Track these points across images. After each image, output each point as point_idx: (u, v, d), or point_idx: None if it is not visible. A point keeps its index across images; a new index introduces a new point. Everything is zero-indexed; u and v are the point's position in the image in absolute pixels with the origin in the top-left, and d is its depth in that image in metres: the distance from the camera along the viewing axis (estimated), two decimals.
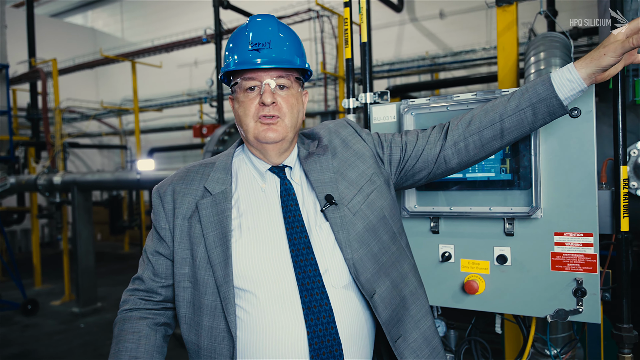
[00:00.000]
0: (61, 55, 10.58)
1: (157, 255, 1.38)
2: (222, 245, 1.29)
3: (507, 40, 2.93)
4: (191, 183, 1.39)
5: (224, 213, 1.33)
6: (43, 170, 7.29)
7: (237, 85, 1.34)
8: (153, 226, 1.40)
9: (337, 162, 1.42)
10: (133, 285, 1.41)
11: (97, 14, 16.48)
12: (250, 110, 1.32)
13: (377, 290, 1.31)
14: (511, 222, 1.55)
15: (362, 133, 1.50)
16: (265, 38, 1.32)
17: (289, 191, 1.37)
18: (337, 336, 1.24)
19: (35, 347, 5.50)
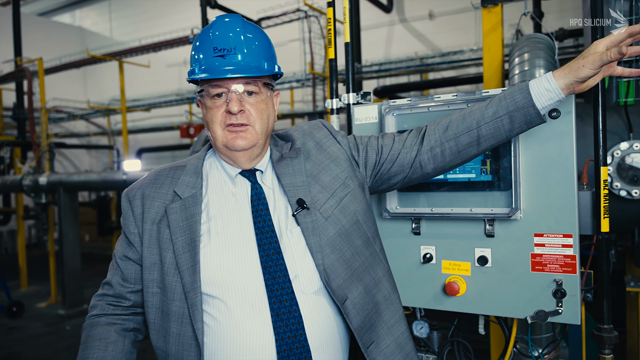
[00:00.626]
0: (49, 55, 10.46)
1: (126, 260, 1.35)
2: (191, 250, 1.27)
3: (492, 41, 2.94)
4: (161, 187, 1.36)
5: (193, 218, 1.30)
6: (29, 171, 7.20)
7: (203, 91, 1.31)
8: (122, 231, 1.38)
9: (311, 165, 1.40)
10: (102, 290, 1.39)
11: (85, 13, 16.32)
12: (217, 117, 1.29)
13: (349, 296, 1.29)
14: (492, 224, 1.55)
15: (337, 135, 1.48)
16: (230, 43, 1.27)
17: (259, 195, 1.35)
18: (307, 343, 1.23)
19: (19, 350, 5.43)
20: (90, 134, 13.29)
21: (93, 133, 13.34)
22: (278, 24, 6.58)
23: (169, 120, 12.47)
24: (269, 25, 6.59)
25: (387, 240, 1.73)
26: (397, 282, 1.72)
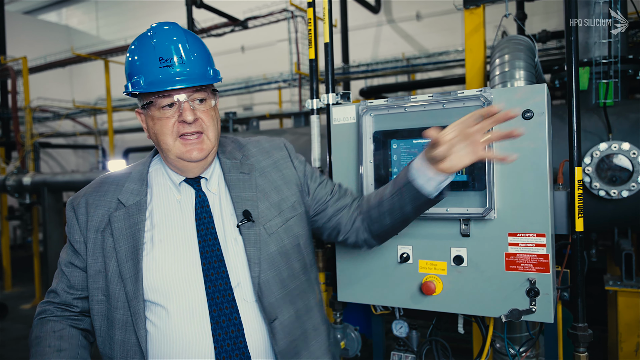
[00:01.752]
0: (35, 53, 10.34)
1: (71, 267, 1.35)
2: (133, 258, 1.27)
3: (474, 43, 2.96)
4: (105, 195, 1.35)
5: (136, 226, 1.29)
6: (12, 171, 7.11)
7: (151, 103, 1.27)
8: (67, 239, 1.37)
9: (263, 181, 1.41)
10: (48, 298, 1.37)
11: (72, 11, 16.16)
12: (168, 128, 1.27)
13: (279, 316, 1.30)
14: (467, 223, 1.56)
15: (294, 160, 1.50)
16: (175, 52, 1.25)
17: (203, 203, 1.35)
18: (247, 350, 1.24)
19: (1, 353, 5.35)
20: (76, 134, 13.15)
21: (80, 133, 13.21)
22: (265, 24, 6.56)
23: None
24: (256, 25, 6.57)
25: None
26: (374, 282, 1.73)
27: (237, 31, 6.54)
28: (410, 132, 1.62)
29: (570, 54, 1.70)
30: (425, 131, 1.23)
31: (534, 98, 1.47)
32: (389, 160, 1.66)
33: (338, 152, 1.79)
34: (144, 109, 1.31)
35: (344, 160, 1.78)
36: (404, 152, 1.64)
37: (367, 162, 1.69)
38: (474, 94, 1.51)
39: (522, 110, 1.47)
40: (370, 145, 1.69)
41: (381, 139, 1.68)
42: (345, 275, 1.80)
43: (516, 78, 2.33)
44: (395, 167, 1.65)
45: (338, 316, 2.10)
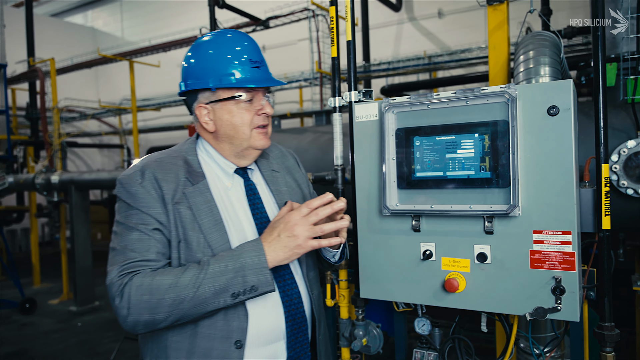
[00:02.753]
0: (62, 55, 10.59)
1: (154, 234, 1.35)
2: (218, 230, 1.39)
3: (498, 39, 2.93)
4: (169, 171, 1.43)
5: (210, 202, 1.42)
6: (41, 170, 7.30)
7: (232, 98, 1.43)
8: (140, 213, 1.35)
9: (290, 179, 1.66)
10: (127, 269, 1.31)
11: (97, 13, 16.49)
12: (247, 119, 1.45)
13: (315, 291, 1.57)
14: (491, 221, 1.55)
15: (302, 169, 1.77)
16: (259, 56, 1.48)
17: (253, 190, 1.53)
18: (305, 314, 1.50)
19: (31, 346, 5.52)
20: (102, 133, 13.43)
21: (105, 132, 13.48)
22: (286, 23, 6.58)
23: (179, 119, 12.56)
24: (277, 25, 6.60)
25: (386, 237, 1.74)
26: (397, 279, 1.74)
27: (258, 31, 6.58)
28: (433, 129, 1.62)
29: (597, 50, 1.68)
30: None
31: (560, 94, 1.46)
32: (412, 158, 1.66)
33: (360, 149, 1.80)
34: (215, 103, 1.44)
35: (366, 158, 1.78)
36: (426, 149, 1.64)
37: (390, 159, 1.69)
38: (497, 90, 1.50)
39: (548, 106, 1.46)
40: (393, 142, 1.69)
41: (404, 136, 1.68)
42: (367, 272, 1.80)
43: (541, 74, 2.30)
44: (417, 164, 1.65)
45: (360, 313, 2.11)
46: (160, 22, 13.87)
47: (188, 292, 1.24)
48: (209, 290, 1.25)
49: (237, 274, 1.27)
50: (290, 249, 1.31)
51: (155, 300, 1.24)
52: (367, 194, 1.78)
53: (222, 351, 1.34)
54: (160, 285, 1.24)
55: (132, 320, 1.26)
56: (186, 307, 1.25)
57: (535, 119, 1.48)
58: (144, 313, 1.25)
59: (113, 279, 1.28)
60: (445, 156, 1.61)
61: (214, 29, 5.49)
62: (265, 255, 1.30)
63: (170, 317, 1.26)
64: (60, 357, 5.15)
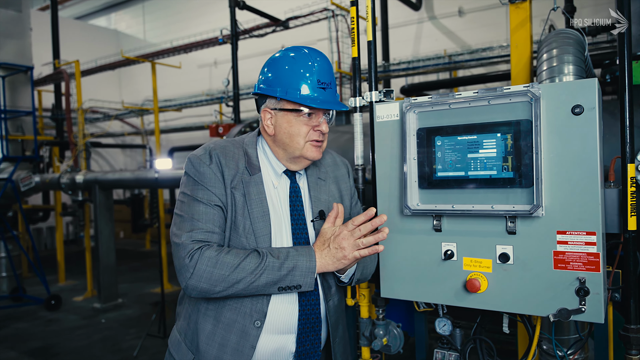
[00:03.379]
0: (86, 57, 10.82)
1: (217, 210, 1.52)
2: (264, 221, 1.54)
3: (520, 38, 2.89)
4: (232, 159, 1.58)
5: (262, 194, 1.56)
6: (66, 169, 7.46)
7: (295, 110, 1.54)
8: (206, 190, 1.51)
9: (335, 189, 1.74)
10: (196, 245, 1.47)
11: (120, 16, 16.78)
12: (303, 132, 1.56)
13: (333, 299, 1.66)
14: (513, 221, 1.54)
15: (351, 179, 1.85)
16: (328, 78, 1.58)
17: (297, 193, 1.64)
18: (320, 315, 1.59)
19: (57, 342, 5.65)
20: (124, 134, 13.66)
21: (127, 133, 13.71)
22: (305, 23, 6.61)
23: (200, 120, 12.71)
24: (297, 25, 6.63)
25: (407, 236, 1.74)
26: (418, 279, 1.74)
27: (278, 31, 6.62)
28: (455, 129, 1.62)
29: (622, 48, 1.65)
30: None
31: (584, 93, 1.44)
32: (433, 157, 1.66)
33: (381, 149, 1.81)
34: (279, 111, 1.57)
35: (387, 158, 1.79)
36: (448, 149, 1.64)
37: (411, 159, 1.69)
38: (520, 89, 1.49)
39: (572, 105, 1.44)
40: (414, 142, 1.69)
41: (425, 135, 1.68)
42: (388, 272, 1.81)
43: (565, 73, 2.27)
44: (439, 164, 1.65)
45: (380, 312, 2.11)
46: (181, 24, 14.05)
47: (246, 277, 1.42)
48: (263, 280, 1.43)
49: (289, 272, 1.45)
50: (337, 259, 1.47)
51: (218, 275, 1.42)
52: (387, 194, 1.79)
53: (244, 325, 1.52)
54: (226, 263, 1.42)
55: (193, 283, 1.43)
56: (240, 288, 1.43)
57: (559, 119, 1.47)
58: (205, 282, 1.42)
59: (185, 242, 1.45)
60: (467, 156, 1.60)
61: (234, 30, 5.54)
62: (316, 262, 1.47)
63: (225, 292, 1.44)
64: (85, 352, 5.26)
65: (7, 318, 6.66)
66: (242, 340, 1.52)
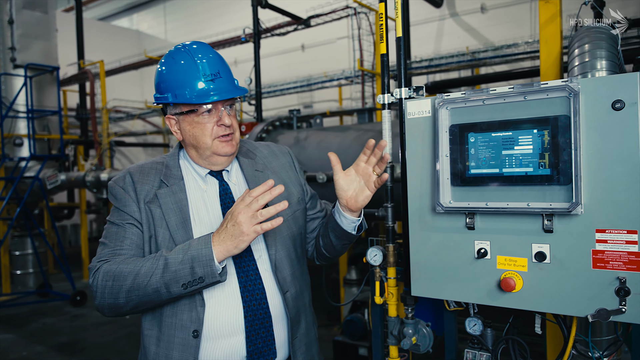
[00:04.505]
0: (108, 57, 10.99)
1: (132, 227, 1.50)
2: (185, 228, 1.49)
3: (549, 33, 2.84)
4: (147, 175, 1.57)
5: (182, 202, 1.53)
6: (91, 168, 7.60)
7: (193, 112, 1.50)
8: (120, 212, 1.52)
9: (275, 178, 1.67)
10: (104, 258, 1.46)
11: (142, 16, 17.01)
12: (208, 131, 1.51)
13: (290, 290, 1.58)
14: (550, 219, 1.51)
15: (297, 166, 1.81)
16: (214, 68, 1.50)
17: (226, 191, 1.60)
18: (268, 310, 1.51)
19: (83, 337, 5.75)
20: (146, 133, 13.84)
21: (149, 132, 13.89)
22: (327, 21, 6.60)
23: None
24: (318, 24, 6.63)
25: (439, 234, 1.72)
26: (449, 277, 1.71)
27: (299, 30, 6.63)
28: (489, 125, 1.59)
29: None
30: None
31: (625, 87, 1.40)
32: (467, 154, 1.64)
33: (412, 146, 1.79)
34: (179, 115, 1.54)
35: (418, 155, 1.77)
36: (482, 146, 1.61)
37: (443, 156, 1.67)
38: (559, 84, 1.46)
39: (612, 100, 1.40)
40: (447, 139, 1.67)
41: (458, 132, 1.65)
42: (419, 270, 1.79)
43: (597, 68, 2.23)
44: (472, 161, 1.63)
45: (409, 311, 2.09)
46: (202, 24, 14.18)
47: (142, 281, 1.35)
48: (159, 281, 1.35)
49: (185, 265, 1.35)
50: (235, 236, 1.34)
51: (117, 286, 1.37)
52: (419, 192, 1.77)
53: (182, 339, 1.45)
54: (122, 273, 1.37)
55: (99, 302, 1.42)
56: (141, 294, 1.36)
57: (598, 114, 1.43)
58: (107, 297, 1.39)
59: (91, 264, 1.46)
60: (501, 153, 1.57)
61: (257, 28, 5.56)
62: (212, 247, 1.35)
63: (130, 302, 1.38)
64: (110, 348, 5.35)
65: (34, 313, 6.81)
66: (184, 355, 1.44)
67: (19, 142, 7.69)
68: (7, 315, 6.72)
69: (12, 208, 7.82)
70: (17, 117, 7.62)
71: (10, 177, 7.44)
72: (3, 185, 7.63)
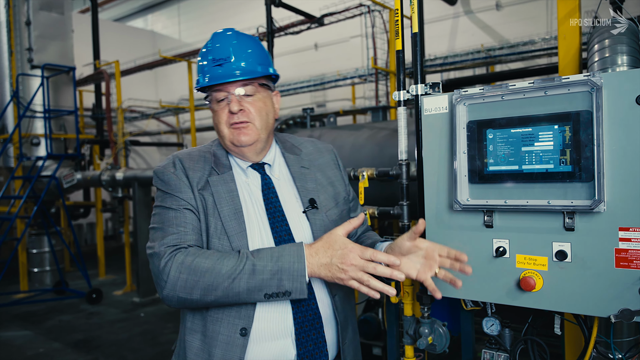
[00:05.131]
0: (123, 57, 11.09)
1: (190, 212, 1.43)
2: (237, 219, 1.43)
3: (568, 29, 2.79)
4: (197, 162, 1.51)
5: (233, 192, 1.47)
6: (106, 167, 7.67)
7: (210, 97, 1.48)
8: (174, 197, 1.44)
9: (321, 176, 1.62)
10: (172, 249, 1.37)
11: (157, 17, 17.15)
12: (222, 118, 1.47)
13: (338, 293, 1.51)
14: (571, 217, 1.47)
15: (340, 165, 1.73)
16: (225, 53, 1.46)
17: (268, 185, 1.53)
18: (318, 312, 1.44)
19: (99, 334, 5.81)
20: (160, 132, 13.94)
21: (163, 131, 13.99)
22: (340, 20, 6.58)
23: None
24: (332, 22, 6.61)
25: (457, 232, 1.69)
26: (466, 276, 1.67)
27: (312, 28, 6.61)
28: (509, 121, 1.56)
29: None
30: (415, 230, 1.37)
31: None
32: (485, 151, 1.61)
33: (428, 143, 1.76)
34: (209, 103, 1.52)
35: (435, 152, 1.74)
36: (500, 142, 1.58)
37: (461, 152, 1.64)
38: (581, 79, 1.42)
39: (637, 95, 1.37)
40: (464, 135, 1.64)
41: (476, 128, 1.62)
42: None
43: (618, 64, 2.17)
44: (490, 158, 1.60)
45: (426, 310, 2.07)
46: (216, 24, 14.24)
47: (223, 281, 1.27)
48: (243, 285, 1.28)
49: (273, 276, 1.28)
50: (333, 275, 1.28)
51: (193, 281, 1.28)
52: (435, 189, 1.74)
53: (228, 337, 1.38)
54: (199, 268, 1.29)
55: (167, 293, 1.32)
56: (219, 295, 1.29)
57: (621, 109, 1.39)
58: (179, 290, 1.30)
59: (158, 250, 1.35)
60: (521, 149, 1.54)
61: (270, 27, 5.56)
62: (306, 265, 1.29)
63: (204, 299, 1.30)
64: (126, 345, 5.39)
65: (51, 310, 6.90)
66: (227, 353, 1.37)
67: (36, 141, 7.79)
68: (24, 312, 6.82)
69: (29, 207, 7.93)
70: (34, 117, 7.72)
71: (27, 176, 7.55)
72: (21, 184, 7.74)
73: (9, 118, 7.91)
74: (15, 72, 7.75)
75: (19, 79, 7.71)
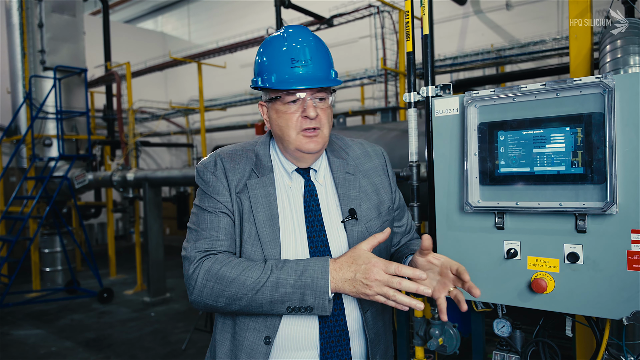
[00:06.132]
0: (134, 59, 11.19)
1: (225, 216, 1.41)
2: (272, 225, 1.39)
3: (579, 29, 2.77)
4: (238, 163, 1.47)
5: (271, 197, 1.43)
6: (117, 167, 7.74)
7: (277, 98, 1.40)
8: (211, 198, 1.42)
9: (366, 183, 1.54)
10: (204, 253, 1.38)
11: (167, 18, 17.26)
12: (292, 122, 1.39)
13: (370, 309, 1.45)
14: (583, 219, 1.47)
15: (389, 171, 1.64)
16: (306, 55, 1.38)
17: (311, 192, 1.48)
18: (346, 328, 1.39)
19: (110, 333, 5.87)
20: (170, 133, 14.03)
21: (173, 132, 14.08)
22: (350, 20, 6.58)
23: (243, 119, 12.91)
24: (341, 23, 6.62)
25: (468, 234, 1.70)
26: (478, 278, 1.68)
27: (322, 29, 6.63)
28: (520, 123, 1.56)
29: None
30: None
31: None
32: (496, 153, 1.61)
33: (439, 145, 1.76)
34: (268, 102, 1.44)
35: (446, 154, 1.74)
36: (511, 144, 1.58)
37: (472, 154, 1.64)
38: (593, 80, 1.42)
39: None
40: (475, 137, 1.64)
41: (487, 130, 1.62)
42: None
43: (630, 64, 2.16)
44: (502, 160, 1.60)
45: (436, 312, 2.07)
46: (226, 25, 14.31)
47: (247, 292, 1.28)
48: (266, 297, 1.27)
49: (296, 290, 1.26)
50: (357, 290, 1.25)
51: (219, 290, 1.30)
52: (446, 191, 1.74)
53: (251, 342, 1.38)
54: (225, 277, 1.29)
55: (195, 299, 1.34)
56: (243, 305, 1.30)
57: (634, 111, 1.39)
58: (206, 297, 1.32)
59: (189, 254, 1.37)
60: (532, 151, 1.54)
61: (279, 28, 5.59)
62: (330, 281, 1.26)
63: (229, 307, 1.32)
64: (137, 344, 5.44)
65: (62, 310, 6.98)
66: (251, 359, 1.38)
67: (49, 142, 7.88)
68: (37, 311, 6.90)
69: (41, 207, 8.02)
70: (46, 118, 7.81)
71: (40, 177, 7.64)
72: (33, 185, 7.84)
73: (22, 119, 8.02)
74: (28, 73, 7.85)
75: (32, 80, 7.81)
